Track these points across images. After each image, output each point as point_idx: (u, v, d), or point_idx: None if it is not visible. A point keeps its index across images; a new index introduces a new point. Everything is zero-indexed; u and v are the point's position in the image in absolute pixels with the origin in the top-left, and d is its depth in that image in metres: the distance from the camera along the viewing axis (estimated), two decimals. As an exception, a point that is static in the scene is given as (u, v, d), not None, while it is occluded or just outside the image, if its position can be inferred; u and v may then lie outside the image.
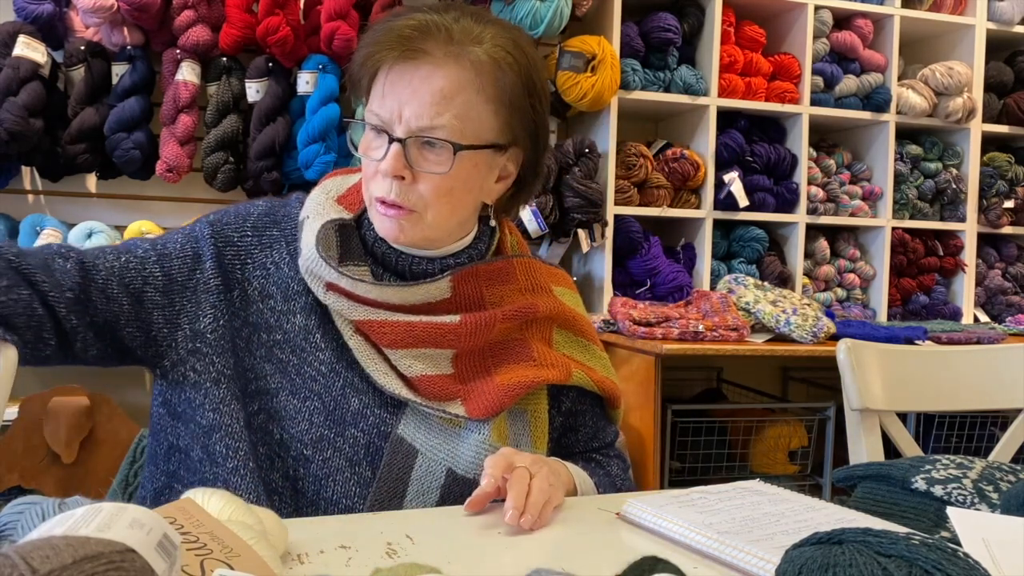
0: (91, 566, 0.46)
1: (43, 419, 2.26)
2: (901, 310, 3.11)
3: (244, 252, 1.06)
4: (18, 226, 2.31)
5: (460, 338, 1.03)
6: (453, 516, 0.93)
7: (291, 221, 1.08)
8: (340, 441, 1.01)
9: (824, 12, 2.94)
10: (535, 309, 1.08)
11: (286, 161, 2.43)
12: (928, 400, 1.43)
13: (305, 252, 1.02)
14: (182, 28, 2.34)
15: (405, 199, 0.98)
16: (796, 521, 0.85)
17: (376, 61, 0.98)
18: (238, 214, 1.09)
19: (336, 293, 1.01)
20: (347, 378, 1.02)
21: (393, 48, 0.96)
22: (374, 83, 0.99)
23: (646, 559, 0.65)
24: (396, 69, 0.97)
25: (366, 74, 1.00)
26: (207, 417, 1.01)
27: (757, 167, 2.88)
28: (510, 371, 1.06)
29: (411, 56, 0.96)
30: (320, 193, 1.09)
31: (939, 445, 2.69)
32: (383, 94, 0.97)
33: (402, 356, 1.02)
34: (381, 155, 0.98)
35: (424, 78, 0.96)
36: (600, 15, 2.76)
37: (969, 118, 3.09)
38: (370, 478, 1.01)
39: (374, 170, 0.99)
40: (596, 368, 1.15)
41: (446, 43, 0.96)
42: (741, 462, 2.61)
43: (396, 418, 1.02)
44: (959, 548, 0.60)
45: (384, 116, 0.98)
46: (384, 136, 0.98)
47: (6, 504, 0.68)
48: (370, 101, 1.00)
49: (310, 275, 1.02)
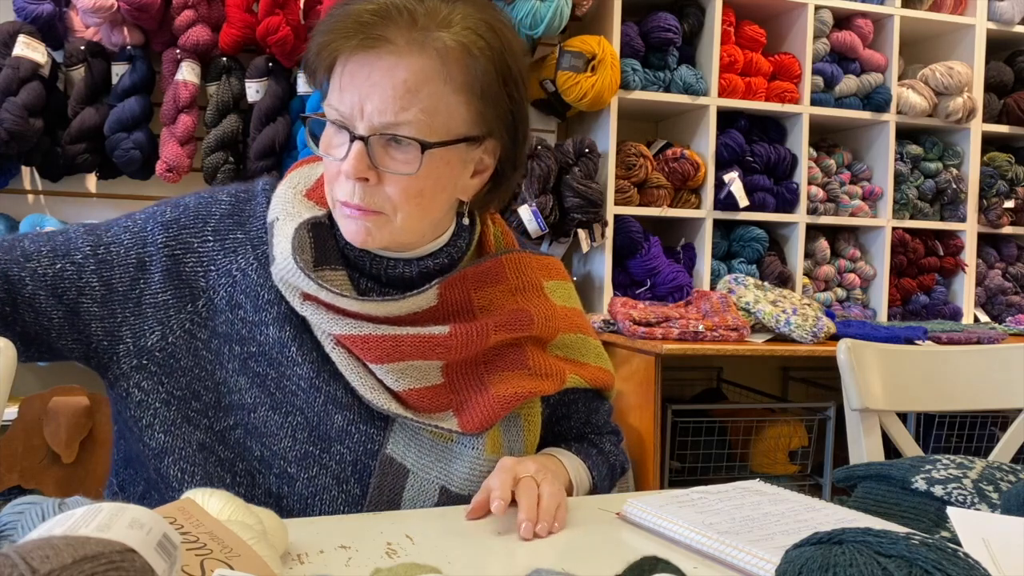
0: (91, 566, 0.46)
1: (43, 419, 2.26)
2: (901, 310, 3.11)
3: (207, 259, 0.96)
4: (18, 226, 2.31)
5: (450, 350, 0.96)
6: (453, 516, 0.93)
7: (257, 220, 0.98)
8: (326, 458, 0.94)
9: (824, 12, 2.94)
10: (528, 319, 1.01)
11: (286, 161, 2.43)
12: (928, 400, 1.43)
13: (279, 261, 0.92)
14: (182, 28, 2.34)
15: (370, 202, 0.89)
16: (796, 521, 0.85)
17: (332, 50, 0.88)
18: (198, 215, 0.98)
19: (314, 304, 0.93)
20: (329, 392, 0.95)
21: (350, 36, 0.86)
22: (332, 74, 0.89)
23: (646, 559, 0.65)
24: (355, 59, 0.86)
25: (321, 64, 0.90)
26: (156, 439, 0.95)
27: (757, 167, 2.88)
28: (505, 381, 1.00)
29: (370, 45, 0.85)
30: (287, 189, 0.99)
31: (939, 445, 2.69)
32: (341, 87, 0.88)
33: (388, 371, 0.94)
34: (342, 154, 0.88)
35: (386, 69, 0.85)
36: (600, 15, 2.76)
37: (969, 118, 3.09)
38: (359, 495, 0.95)
39: (336, 170, 0.90)
40: (589, 361, 1.11)
41: (409, 28, 0.86)
42: (741, 462, 2.61)
43: (383, 434, 0.95)
44: (959, 548, 0.60)
45: (344, 111, 0.88)
46: (345, 133, 0.88)
47: (6, 504, 0.68)
48: (329, 94, 0.90)
49: (285, 284, 0.93)
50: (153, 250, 0.96)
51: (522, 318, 1.01)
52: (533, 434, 1.04)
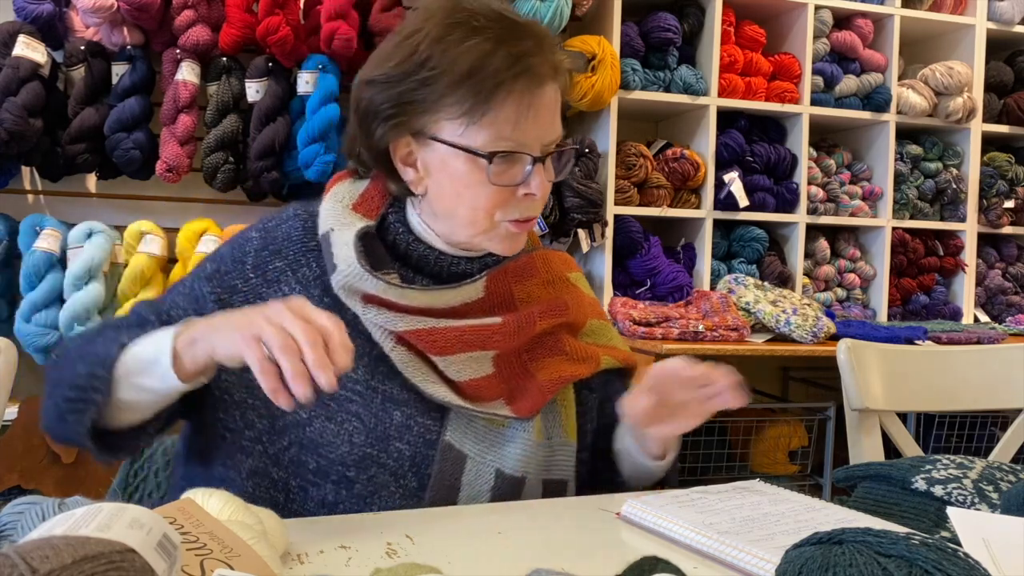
0: (91, 566, 0.46)
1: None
2: (901, 310, 3.11)
3: (252, 294, 1.02)
4: (18, 226, 2.31)
5: (505, 338, 1.02)
6: (453, 516, 0.93)
7: (293, 244, 1.04)
8: (384, 457, 0.98)
9: (824, 12, 2.94)
10: (564, 306, 1.09)
11: (286, 161, 2.43)
12: (928, 400, 1.43)
13: (343, 267, 0.97)
14: (182, 28, 2.33)
15: (537, 211, 1.01)
16: (796, 521, 0.85)
17: (507, 91, 0.93)
18: (234, 258, 1.04)
19: (375, 306, 0.98)
20: (385, 392, 0.99)
21: (524, 74, 0.94)
22: (498, 111, 0.94)
23: (646, 559, 0.66)
24: (528, 93, 0.95)
25: (488, 101, 0.93)
26: (216, 470, 1.01)
27: (757, 167, 2.88)
28: (546, 367, 1.06)
29: (543, 77, 0.96)
30: (334, 203, 1.04)
31: (939, 445, 2.69)
32: (519, 120, 0.94)
33: (451, 362, 1.00)
34: (521, 178, 0.96)
35: (550, 95, 0.97)
36: (600, 15, 2.75)
37: (969, 118, 3.09)
38: (415, 487, 0.99)
39: (508, 195, 0.97)
40: (616, 345, 1.17)
41: (551, 53, 0.97)
42: (741, 462, 2.61)
43: (440, 425, 1.00)
44: (959, 548, 0.60)
45: (523, 141, 0.96)
46: (521, 159, 0.96)
47: (6, 504, 0.68)
48: (491, 128, 0.94)
49: (347, 290, 0.98)
50: (204, 304, 1.02)
51: (559, 305, 1.08)
52: (569, 417, 1.08)
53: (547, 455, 1.05)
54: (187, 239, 2.36)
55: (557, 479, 1.05)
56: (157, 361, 0.88)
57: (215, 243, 2.35)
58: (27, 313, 2.23)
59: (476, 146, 0.94)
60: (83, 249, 2.25)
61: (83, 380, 0.91)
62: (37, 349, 2.23)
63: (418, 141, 0.98)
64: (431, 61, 0.94)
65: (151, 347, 0.90)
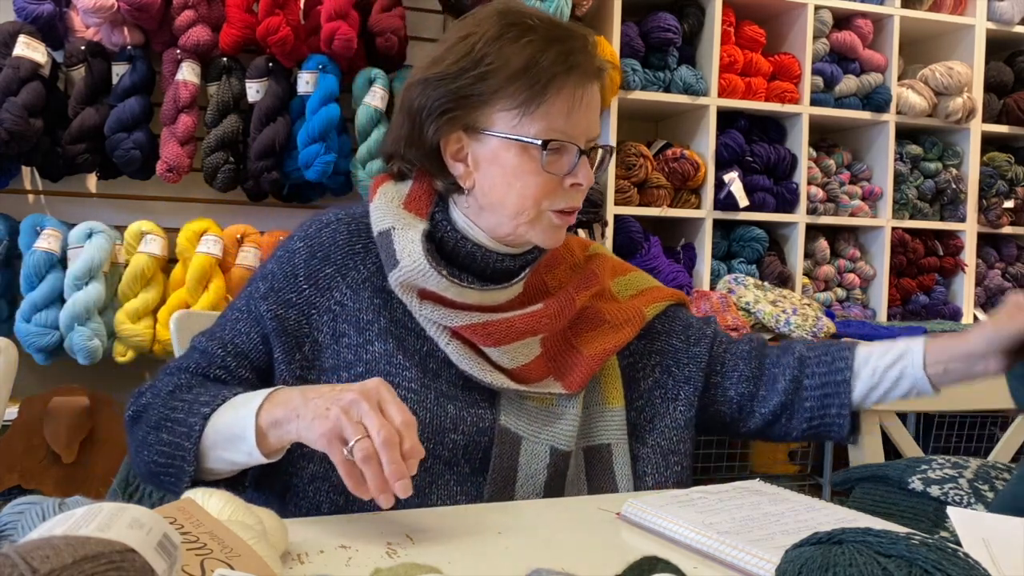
0: (91, 566, 0.46)
1: (43, 419, 2.26)
2: (901, 310, 3.11)
3: (306, 305, 1.06)
4: (18, 226, 2.31)
5: (551, 320, 1.07)
6: (453, 516, 0.93)
7: (340, 249, 1.08)
8: (440, 449, 1.02)
9: (824, 12, 2.94)
10: (595, 276, 1.15)
11: (286, 161, 2.43)
12: (928, 400, 1.43)
13: (408, 264, 1.02)
14: (182, 28, 2.33)
15: (580, 202, 1.05)
16: (796, 521, 0.85)
17: (562, 82, 1.00)
18: (285, 274, 1.07)
19: (431, 302, 1.03)
20: (438, 388, 1.04)
21: (576, 68, 1.00)
22: (553, 102, 1.00)
23: (646, 559, 0.66)
24: (581, 88, 1.01)
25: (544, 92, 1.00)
26: (280, 480, 1.05)
27: (757, 167, 2.88)
28: (590, 340, 1.11)
29: (591, 76, 1.03)
30: (386, 202, 1.08)
31: (939, 445, 2.69)
32: (571, 112, 1.01)
33: (504, 352, 1.05)
34: (569, 168, 1.02)
35: (594, 93, 1.04)
36: (600, 15, 2.75)
37: (969, 118, 3.09)
38: (468, 473, 1.04)
39: (556, 184, 1.02)
40: (654, 286, 1.22)
41: (597, 59, 1.04)
42: (741, 462, 2.61)
43: (492, 412, 1.05)
44: (959, 548, 0.60)
45: (574, 134, 1.01)
46: (570, 149, 1.02)
47: (6, 504, 0.68)
48: (544, 119, 1.00)
49: (406, 287, 1.03)
50: (264, 323, 1.06)
51: (589, 276, 1.15)
52: (609, 383, 1.12)
53: (584, 423, 1.09)
54: (187, 239, 2.36)
55: (597, 444, 1.10)
56: (243, 438, 0.92)
57: (215, 243, 2.35)
58: (27, 313, 2.23)
59: (530, 136, 1.00)
60: (83, 249, 2.25)
61: (170, 449, 0.96)
62: (37, 349, 2.23)
63: (470, 136, 1.03)
64: (488, 58, 1.00)
65: (235, 423, 0.93)
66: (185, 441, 0.94)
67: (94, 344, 2.24)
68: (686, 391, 1.15)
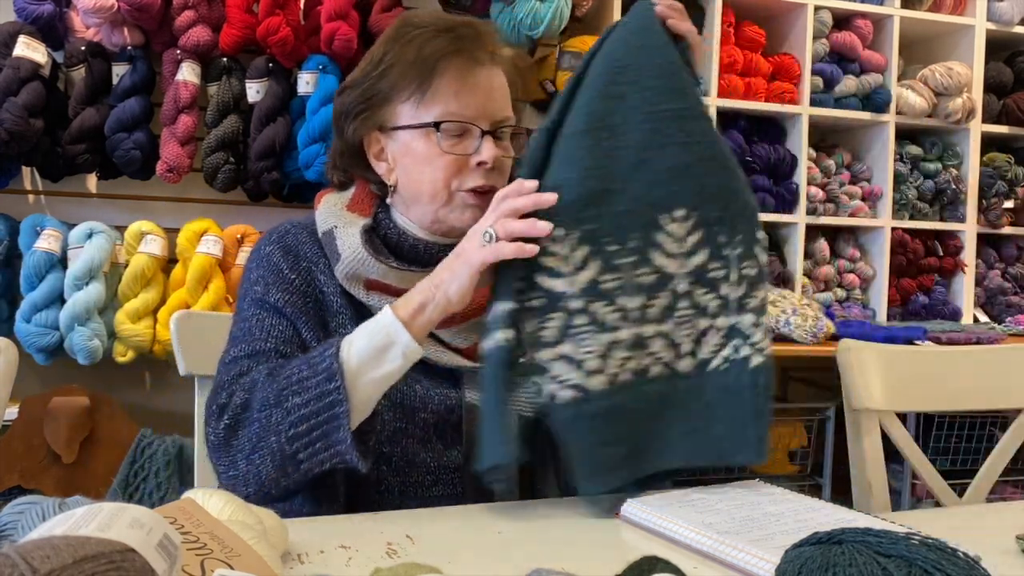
0: (91, 566, 0.46)
1: (43, 419, 2.26)
2: (901, 310, 3.11)
3: (297, 293, 1.09)
4: (18, 226, 2.31)
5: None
6: (453, 516, 0.93)
7: (306, 246, 1.12)
8: (412, 427, 1.07)
9: (824, 12, 2.94)
10: None
11: (286, 161, 2.43)
12: (928, 400, 1.43)
13: (348, 255, 1.07)
14: (182, 28, 2.33)
15: (494, 182, 1.09)
16: (796, 521, 0.85)
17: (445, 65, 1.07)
18: (271, 271, 1.10)
19: (378, 292, 1.08)
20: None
21: (457, 53, 1.07)
22: (439, 85, 1.07)
23: (646, 559, 0.66)
24: (469, 72, 1.08)
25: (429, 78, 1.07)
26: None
27: (757, 168, 2.88)
28: None
29: (477, 60, 1.08)
30: (328, 207, 1.15)
31: (939, 445, 2.69)
32: (458, 94, 1.07)
33: (456, 333, 1.09)
34: (474, 148, 1.07)
35: (491, 77, 1.10)
36: (600, 15, 2.75)
37: (969, 118, 3.09)
38: (442, 449, 1.08)
39: (462, 165, 1.07)
40: None
41: (490, 46, 1.10)
42: (741, 462, 2.60)
43: (457, 390, 1.09)
44: (958, 548, 0.60)
45: (467, 114, 1.07)
46: (471, 131, 1.08)
47: (6, 504, 0.68)
48: (435, 103, 1.07)
49: (352, 278, 1.08)
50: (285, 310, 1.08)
51: None
52: None
53: None
54: (187, 239, 2.36)
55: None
56: (393, 343, 0.96)
57: (215, 243, 2.35)
58: (27, 313, 2.23)
59: (426, 121, 1.07)
60: (83, 249, 2.25)
61: (312, 406, 0.94)
62: (37, 349, 2.23)
63: (384, 135, 1.11)
64: (387, 56, 1.10)
65: (376, 336, 0.96)
66: (328, 384, 0.93)
67: (94, 344, 2.24)
68: None
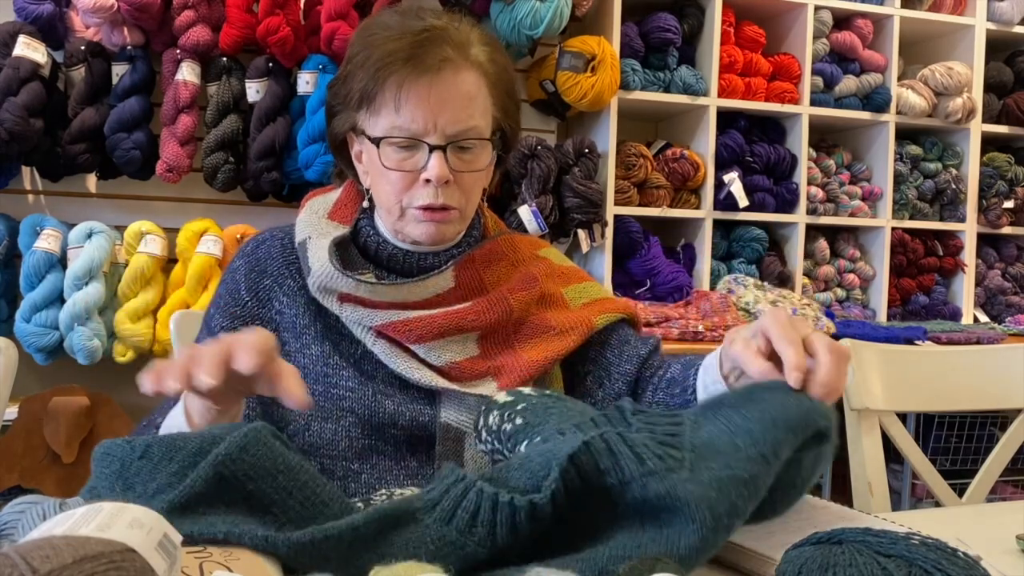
0: (91, 566, 0.46)
1: (43, 419, 2.26)
2: (901, 310, 3.11)
3: (250, 318, 1.08)
4: (18, 226, 2.31)
5: (479, 317, 1.05)
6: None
7: (275, 262, 1.11)
8: (382, 444, 1.03)
9: (824, 12, 2.94)
10: (534, 277, 1.12)
11: (286, 161, 2.43)
12: (928, 400, 1.43)
13: (317, 269, 1.04)
14: (182, 28, 2.33)
15: (449, 200, 1.02)
16: (796, 521, 0.85)
17: (392, 77, 0.99)
18: (229, 291, 1.10)
19: (351, 304, 1.04)
20: (375, 386, 1.04)
21: (407, 60, 0.98)
22: (383, 97, 1.00)
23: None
24: (417, 81, 0.98)
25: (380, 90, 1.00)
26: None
27: (757, 167, 2.88)
28: (534, 347, 1.09)
29: (430, 66, 0.98)
30: (309, 215, 1.12)
31: (939, 445, 2.69)
32: (400, 108, 0.99)
33: (430, 349, 1.04)
34: (423, 164, 1.01)
35: (448, 85, 0.99)
36: (600, 15, 2.76)
37: (969, 118, 3.09)
38: (416, 467, 1.04)
39: (411, 181, 1.02)
40: (606, 297, 1.19)
41: (452, 47, 1.00)
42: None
43: (432, 408, 1.04)
44: (958, 548, 0.60)
45: (415, 129, 1.00)
46: (419, 146, 1.00)
47: (6, 504, 0.68)
48: (384, 117, 1.01)
49: (323, 291, 1.04)
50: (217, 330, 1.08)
51: (529, 279, 1.12)
52: (554, 388, 1.10)
53: None
54: (187, 239, 2.36)
55: None
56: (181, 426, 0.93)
57: (215, 243, 2.35)
58: (27, 313, 2.23)
59: (375, 134, 1.01)
60: (83, 249, 2.25)
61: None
62: (37, 349, 2.23)
63: (358, 136, 1.06)
64: (354, 59, 1.03)
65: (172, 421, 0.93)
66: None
67: (94, 344, 2.24)
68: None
